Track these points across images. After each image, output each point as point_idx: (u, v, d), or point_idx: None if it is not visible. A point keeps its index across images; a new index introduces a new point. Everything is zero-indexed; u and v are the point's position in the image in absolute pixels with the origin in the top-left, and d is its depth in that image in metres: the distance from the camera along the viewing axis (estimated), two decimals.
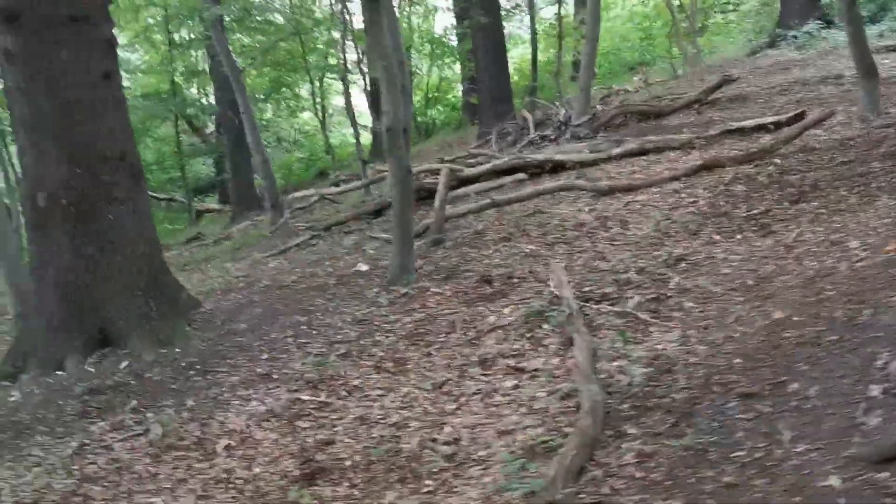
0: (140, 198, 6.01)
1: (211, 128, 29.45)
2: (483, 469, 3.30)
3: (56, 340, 5.76)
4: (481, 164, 10.66)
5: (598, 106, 14.29)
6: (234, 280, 8.21)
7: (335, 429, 3.98)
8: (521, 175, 9.94)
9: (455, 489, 3.19)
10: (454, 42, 24.10)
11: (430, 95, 30.12)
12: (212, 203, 26.87)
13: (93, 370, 5.57)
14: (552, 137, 13.48)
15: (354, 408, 4.18)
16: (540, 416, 3.65)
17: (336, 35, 17.69)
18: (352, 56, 27.47)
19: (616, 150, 9.65)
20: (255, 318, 6.14)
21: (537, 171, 9.94)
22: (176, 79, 23.20)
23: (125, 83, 26.74)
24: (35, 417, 4.90)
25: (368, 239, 8.70)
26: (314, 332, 5.52)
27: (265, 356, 5.21)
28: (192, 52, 24.92)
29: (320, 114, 33.45)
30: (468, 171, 10.22)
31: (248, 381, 4.81)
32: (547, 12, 26.96)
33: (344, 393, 4.40)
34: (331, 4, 24.01)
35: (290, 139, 33.01)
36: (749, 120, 9.41)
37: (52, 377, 5.61)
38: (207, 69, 25.84)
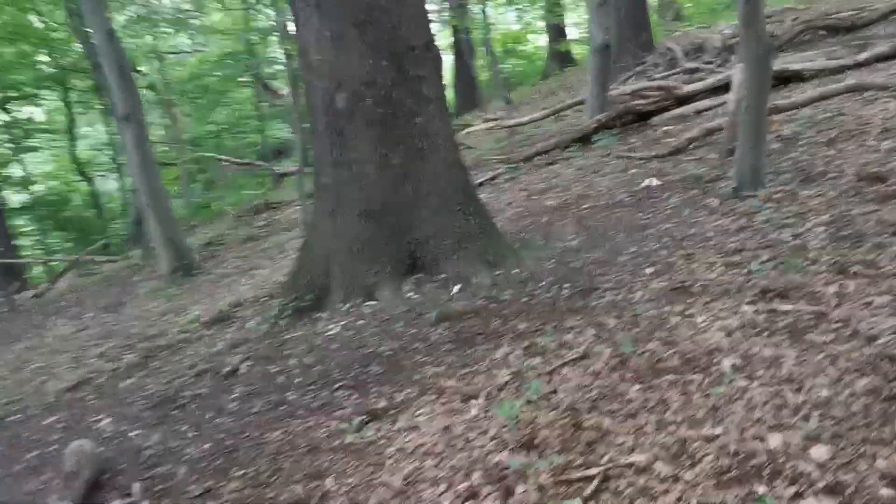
0: (444, 96, 5.10)
1: (285, 90, 28.65)
2: None
3: (361, 267, 4.93)
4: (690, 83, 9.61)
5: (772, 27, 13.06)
6: None
7: (878, 341, 3.04)
8: None
9: None
10: None
11: (507, 47, 28.95)
12: (292, 166, 26.19)
13: (418, 297, 4.73)
14: (717, 63, 12.45)
15: (872, 318, 3.24)
16: None
17: None
18: None
19: (863, 55, 8.53)
20: (574, 237, 5.25)
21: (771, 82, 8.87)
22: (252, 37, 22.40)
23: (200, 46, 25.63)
24: (401, 349, 4.08)
25: (603, 160, 7.77)
26: (686, 243, 4.59)
27: (650, 269, 4.29)
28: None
29: None
30: (687, 89, 9.21)
31: (663, 296, 3.88)
32: None
33: (832, 301, 3.46)
34: None
35: None
36: None
37: (365, 308, 4.80)
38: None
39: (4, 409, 5.91)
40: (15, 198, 23.63)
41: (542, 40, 26.85)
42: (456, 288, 4.64)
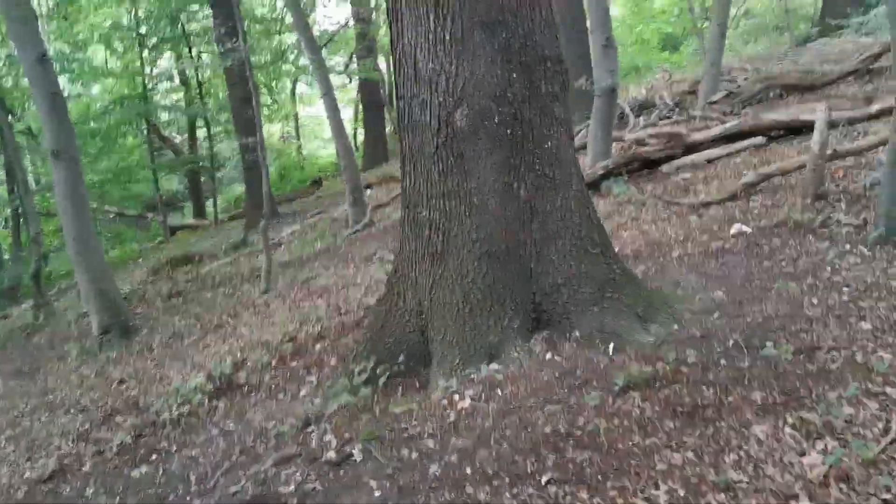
0: (571, 119, 4.30)
1: (178, 138, 27.07)
2: None
3: (480, 321, 3.97)
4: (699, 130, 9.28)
5: (726, 84, 13.15)
6: None
7: None
8: (757, 139, 8.64)
9: None
10: None
11: None
12: (186, 219, 24.71)
13: (559, 359, 3.82)
14: (674, 120, 12.33)
15: None
16: None
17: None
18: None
19: (875, 108, 8.44)
20: (706, 287, 4.52)
21: (779, 132, 8.68)
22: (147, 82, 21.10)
23: (87, 89, 23.85)
24: (598, 427, 3.14)
25: (633, 207, 7.22)
26: (877, 293, 3.91)
27: (865, 325, 3.56)
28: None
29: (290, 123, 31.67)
30: (695, 137, 8.85)
31: None
32: None
33: None
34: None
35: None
36: None
37: (494, 372, 3.83)
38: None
39: None
40: None
41: None
42: (609, 346, 3.76)
